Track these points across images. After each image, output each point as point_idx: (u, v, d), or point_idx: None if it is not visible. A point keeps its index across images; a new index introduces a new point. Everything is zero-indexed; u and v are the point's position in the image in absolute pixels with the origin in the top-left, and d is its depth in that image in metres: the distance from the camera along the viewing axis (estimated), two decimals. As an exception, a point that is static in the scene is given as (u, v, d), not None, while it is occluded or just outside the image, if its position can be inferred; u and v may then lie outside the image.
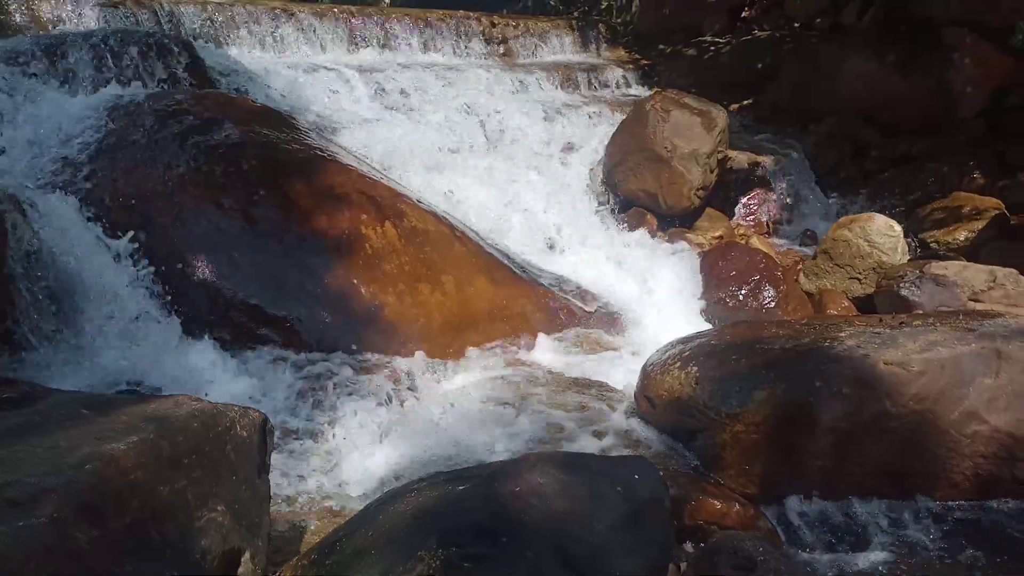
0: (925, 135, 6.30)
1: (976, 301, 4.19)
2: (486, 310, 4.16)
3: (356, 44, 6.59)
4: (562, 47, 7.83)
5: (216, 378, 3.38)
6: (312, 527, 2.54)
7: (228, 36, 6.07)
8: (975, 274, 4.29)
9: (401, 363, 3.64)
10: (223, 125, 4.26)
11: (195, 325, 3.62)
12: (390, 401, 3.31)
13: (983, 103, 6.23)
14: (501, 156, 5.77)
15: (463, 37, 7.19)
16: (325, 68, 5.86)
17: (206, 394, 3.18)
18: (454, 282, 4.11)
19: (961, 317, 3.26)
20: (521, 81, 6.75)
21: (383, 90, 5.83)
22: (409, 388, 3.42)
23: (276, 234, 3.92)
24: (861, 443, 2.85)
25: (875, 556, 2.70)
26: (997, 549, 2.73)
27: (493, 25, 7.35)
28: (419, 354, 3.71)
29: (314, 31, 6.48)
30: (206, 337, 3.58)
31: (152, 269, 3.70)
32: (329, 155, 4.41)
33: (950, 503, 2.94)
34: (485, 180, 5.47)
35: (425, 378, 3.56)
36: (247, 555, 1.91)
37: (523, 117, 6.22)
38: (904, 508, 2.92)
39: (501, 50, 7.54)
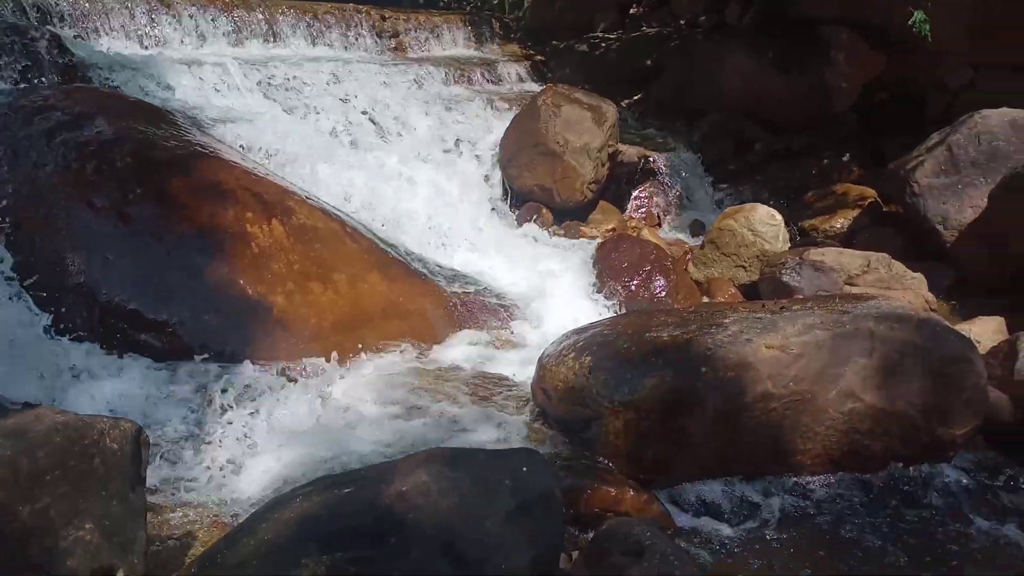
0: (802, 129, 6.59)
1: (852, 285, 4.40)
2: (381, 308, 4.09)
3: (240, 37, 6.36)
4: (455, 42, 7.79)
5: (92, 388, 3.20)
6: (198, 540, 2.43)
7: (101, 28, 5.74)
8: (850, 259, 4.51)
9: (291, 365, 3.53)
10: (95, 121, 4.03)
11: (68, 333, 3.41)
12: (280, 405, 3.20)
13: (857, 98, 6.56)
14: (394, 151, 5.69)
15: (352, 31, 7.04)
16: (207, 61, 5.63)
17: (82, 406, 3.01)
18: (346, 280, 4.02)
19: (837, 301, 3.41)
20: (413, 76, 6.67)
21: (268, 84, 5.65)
22: (300, 391, 3.32)
23: (154, 234, 3.73)
24: (746, 425, 2.94)
25: (762, 532, 2.80)
26: (876, 519, 2.88)
27: (384, 19, 7.24)
28: (311, 355, 3.61)
29: (195, 23, 6.22)
30: (81, 345, 3.38)
31: (21, 275, 3.46)
32: (211, 151, 4.24)
33: (831, 477, 3.08)
34: (378, 176, 5.37)
35: (317, 379, 3.46)
36: (120, 573, 1.80)
37: (416, 112, 6.16)
38: (788, 485, 3.04)
39: (392, 44, 7.44)
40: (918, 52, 5.88)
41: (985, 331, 4.02)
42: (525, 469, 1.86)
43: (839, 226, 5.50)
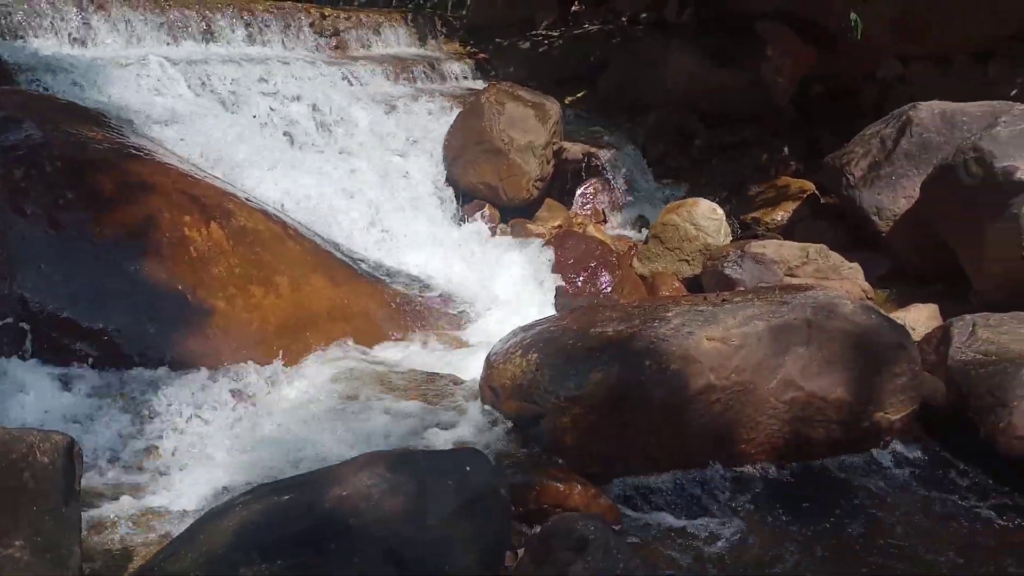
0: (744, 124, 6.70)
1: (792, 276, 4.50)
2: (326, 310, 4.05)
3: (175, 36, 6.21)
4: (397, 40, 7.72)
5: (23, 400, 3.09)
6: (136, 553, 2.36)
7: (28, 28, 5.55)
8: (790, 251, 4.61)
9: (234, 370, 3.46)
10: (22, 124, 3.90)
11: (-2, 344, 3.30)
12: (223, 412, 3.14)
13: (793, 93, 6.69)
14: (337, 151, 5.62)
15: (292, 29, 6.93)
16: (141, 61, 5.48)
17: (12, 419, 2.91)
18: (289, 282, 3.96)
19: (776, 292, 3.48)
20: (355, 74, 6.59)
21: (205, 84, 5.52)
22: (243, 397, 3.26)
23: (88, 240, 3.62)
24: (691, 417, 2.98)
25: (709, 523, 2.85)
26: (819, 506, 2.95)
27: (324, 17, 7.14)
28: (254, 360, 3.55)
29: (128, 22, 6.05)
30: (12, 358, 3.27)
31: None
32: (146, 153, 4.13)
33: (774, 466, 3.15)
34: (320, 175, 5.29)
35: (261, 385, 3.40)
36: (54, 590, 1.75)
37: (359, 110, 6.08)
38: (734, 475, 3.09)
39: (333, 43, 7.34)
40: (848, 47, 6.02)
41: (919, 318, 4.14)
42: (468, 468, 1.86)
43: (779, 219, 5.61)
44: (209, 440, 3.00)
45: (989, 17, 5.95)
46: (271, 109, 5.75)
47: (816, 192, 5.74)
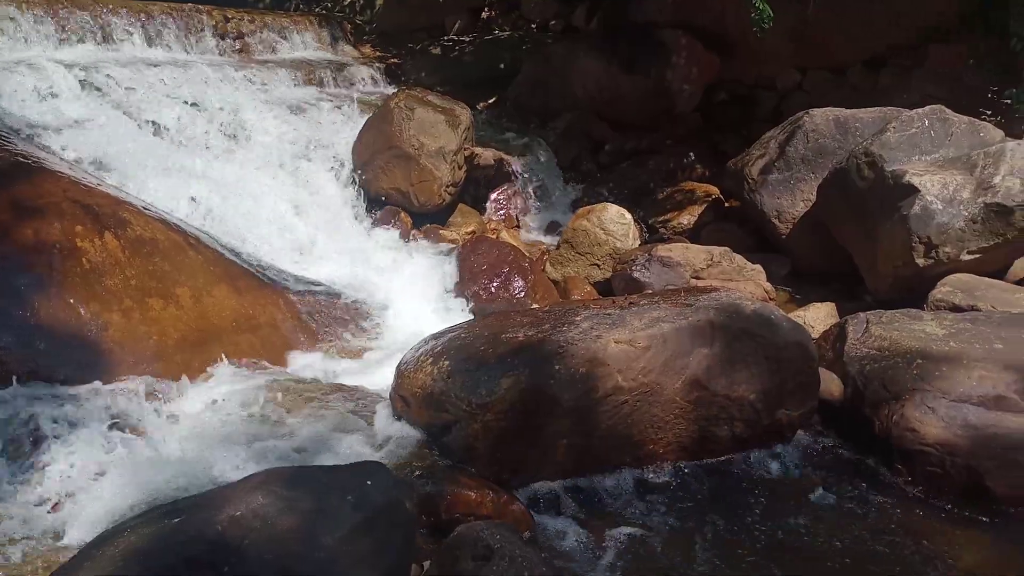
0: (652, 130, 6.84)
1: (698, 278, 4.61)
2: (230, 321, 3.92)
3: (67, 38, 5.93)
4: (304, 44, 7.58)
5: None
6: (22, 584, 2.23)
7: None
8: (696, 254, 4.72)
9: (132, 387, 3.31)
10: None
11: None
12: (118, 431, 2.99)
13: (698, 100, 6.87)
14: (241, 157, 5.46)
15: (193, 32, 6.72)
16: (28, 65, 5.21)
17: None
18: (190, 294, 3.82)
19: (682, 294, 3.56)
20: (260, 79, 6.44)
21: (100, 89, 5.29)
22: (141, 415, 3.12)
23: (-31, 254, 3.41)
24: (600, 419, 3.01)
25: (620, 525, 2.88)
26: (726, 503, 3.02)
27: (227, 19, 6.95)
28: (153, 375, 3.41)
29: (16, 24, 5.75)
30: None
31: None
32: (34, 161, 3.93)
33: (683, 465, 3.20)
34: (224, 183, 5.15)
35: (160, 401, 3.26)
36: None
37: (265, 116, 5.93)
38: (644, 475, 3.14)
39: (237, 46, 7.15)
40: (750, 55, 6.24)
41: (818, 316, 4.31)
42: (369, 483, 1.82)
43: (686, 222, 5.75)
44: (100, 462, 2.86)
45: (880, 29, 6.27)
46: (171, 115, 5.55)
47: (721, 196, 5.90)
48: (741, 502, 3.03)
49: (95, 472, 2.79)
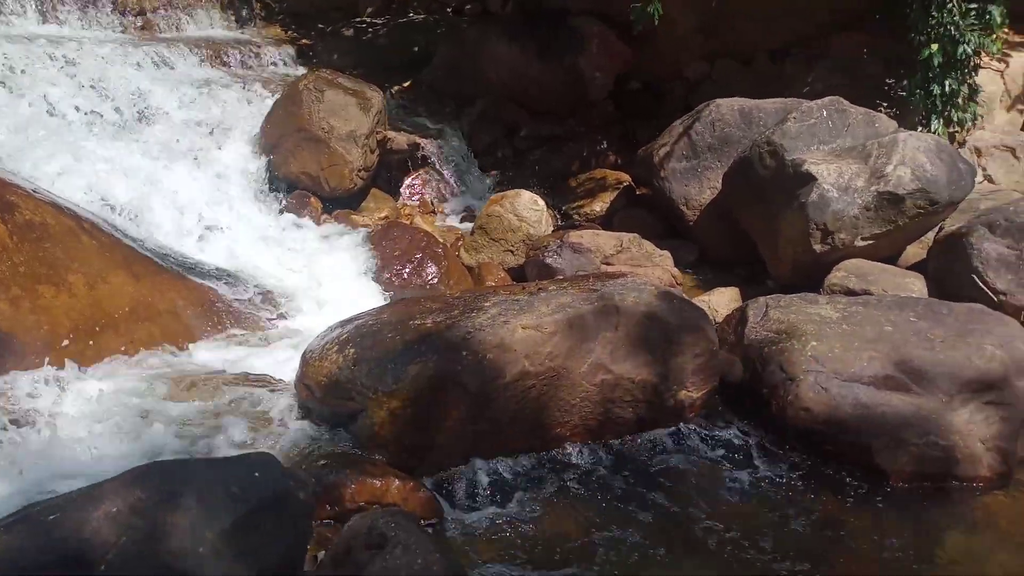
0: (566, 117, 6.87)
1: (608, 264, 4.67)
2: (128, 310, 3.78)
3: (-51, 10, 5.58)
4: (211, 22, 7.32)
5: None
6: None
7: None
8: (606, 240, 4.78)
9: (20, 379, 3.17)
10: None
11: None
12: (4, 425, 2.85)
13: (611, 88, 6.94)
14: (142, 139, 5.25)
15: (91, 7, 6.41)
16: (-96, 37, 4.89)
17: None
18: (84, 281, 3.67)
19: (590, 280, 3.61)
20: (163, 57, 6.19)
21: (-14, 66, 5.01)
22: (28, 408, 2.98)
23: None
24: (507, 404, 3.03)
25: (527, 508, 2.91)
26: (632, 483, 3.08)
27: (128, -6, 6.66)
28: (43, 366, 3.26)
29: None
30: None
31: None
32: (-92, 141, 3.69)
33: (589, 447, 3.26)
34: (124, 166, 4.94)
35: (51, 393, 3.13)
36: None
37: (168, 96, 5.71)
38: (551, 459, 3.18)
39: (139, 23, 6.87)
40: (660, 45, 6.33)
41: (722, 301, 4.43)
42: (257, 474, 1.78)
43: (598, 209, 5.81)
44: (-14, 457, 2.72)
45: (785, 20, 6.45)
46: (67, 94, 5.30)
47: (632, 184, 5.99)
48: (644, 482, 3.10)
49: (-22, 469, 2.65)
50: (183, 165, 5.20)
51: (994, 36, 5.33)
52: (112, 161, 4.95)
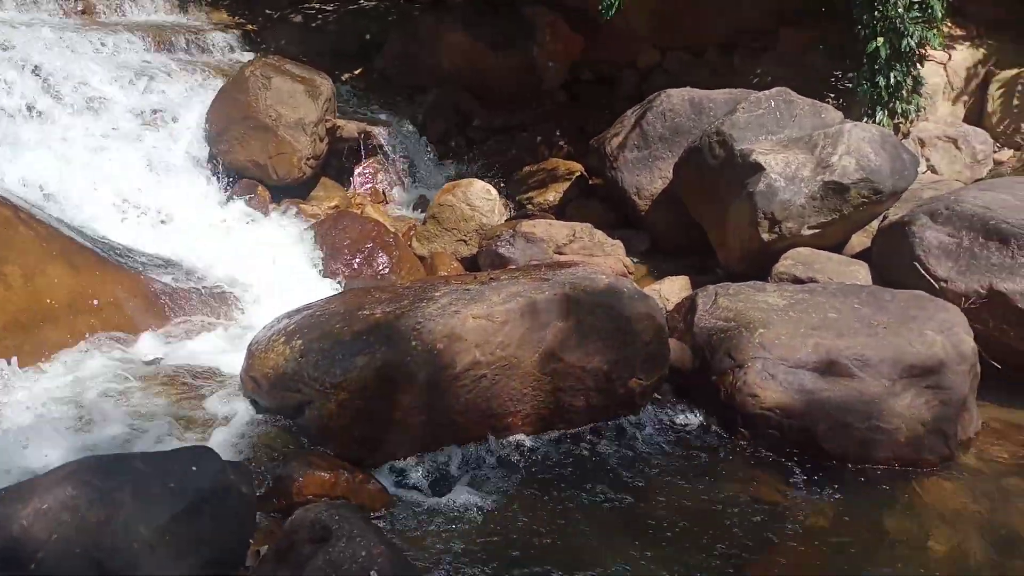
0: (520, 106, 6.86)
1: (560, 253, 4.67)
2: (67, 302, 3.67)
3: None
4: (155, 7, 7.13)
5: None
6: None
7: None
8: (558, 230, 4.78)
9: (-49, 375, 3.06)
10: None
11: None
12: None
13: (564, 78, 6.95)
14: (84, 127, 5.10)
15: (28, -10, 6.20)
16: None
17: None
18: (21, 273, 3.55)
19: (542, 269, 3.60)
20: (106, 43, 6.01)
21: (-87, 49, 4.80)
22: (-41, 403, 2.88)
23: None
24: (458, 394, 3.01)
25: (479, 498, 2.89)
26: (585, 470, 3.10)
27: (68, -22, 6.45)
28: (-23, 361, 3.15)
29: None
30: None
31: None
32: None
33: (542, 436, 3.26)
34: (65, 154, 4.81)
35: (-16, 389, 3.02)
36: None
37: (110, 83, 5.55)
38: (504, 448, 3.17)
39: (80, 7, 6.66)
40: (613, 35, 6.35)
41: (673, 289, 4.46)
42: (195, 468, 1.74)
43: (552, 199, 5.80)
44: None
45: (734, 12, 6.51)
46: (1, 80, 5.11)
47: (585, 173, 5.99)
48: (595, 470, 3.12)
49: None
50: (125, 154, 5.07)
51: (936, 29, 5.44)
52: (51, 149, 4.80)
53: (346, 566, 1.64)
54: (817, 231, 4.28)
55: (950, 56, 6.10)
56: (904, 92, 5.57)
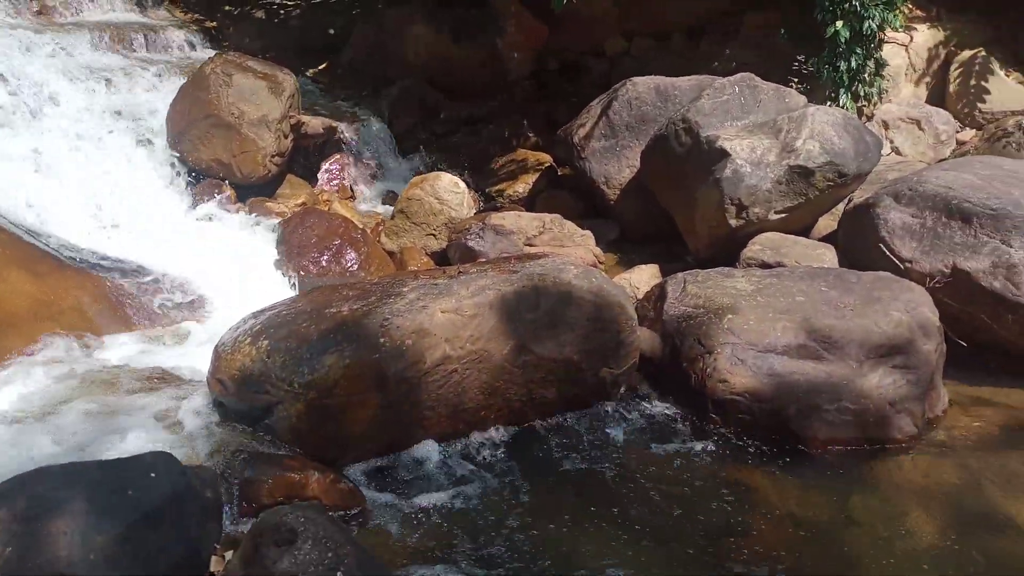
0: (486, 98, 6.81)
1: (531, 245, 4.66)
2: (28, 309, 3.61)
3: None
4: (112, 5, 6.98)
5: None
6: None
7: None
8: (528, 222, 4.77)
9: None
10: None
11: None
12: None
13: (530, 68, 6.91)
14: (39, 129, 4.99)
15: (-22, -11, 6.04)
16: None
17: None
18: (-21, 280, 3.48)
19: (512, 261, 3.58)
20: (61, 42, 5.88)
21: None
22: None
23: None
24: (429, 389, 2.99)
25: (453, 494, 2.87)
26: (560, 462, 3.08)
27: (20, -23, 6.29)
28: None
29: None
30: None
31: None
32: None
33: (516, 429, 3.25)
34: (21, 157, 4.71)
35: (-58, 400, 2.95)
36: None
37: (66, 83, 5.43)
38: (477, 442, 3.16)
39: (35, 7, 6.51)
40: (578, 22, 6.33)
41: (642, 278, 4.47)
42: (153, 475, 1.71)
43: (521, 190, 5.79)
44: None
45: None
46: (-47, 82, 5.00)
47: (554, 164, 5.98)
48: (569, 461, 3.11)
49: None
50: (85, 156, 4.98)
51: (896, 11, 5.48)
52: (8, 153, 4.70)
53: (312, 568, 1.62)
54: (784, 215, 4.30)
55: (912, 38, 6.16)
56: (866, 75, 5.61)
